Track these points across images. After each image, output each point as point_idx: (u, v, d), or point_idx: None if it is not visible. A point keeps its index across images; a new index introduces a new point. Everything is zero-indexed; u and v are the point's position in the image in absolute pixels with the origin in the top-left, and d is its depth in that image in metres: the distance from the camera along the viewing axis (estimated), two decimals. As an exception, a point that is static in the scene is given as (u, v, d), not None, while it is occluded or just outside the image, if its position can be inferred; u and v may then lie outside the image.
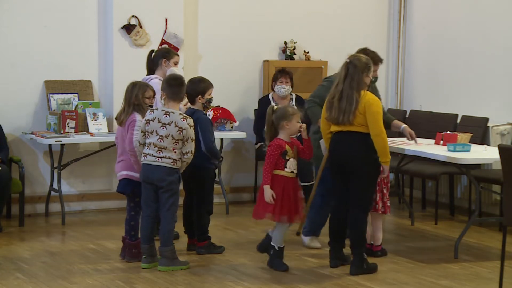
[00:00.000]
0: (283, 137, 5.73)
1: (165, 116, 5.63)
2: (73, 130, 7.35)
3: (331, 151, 5.76)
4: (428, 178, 7.84)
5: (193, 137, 5.71)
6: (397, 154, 6.89)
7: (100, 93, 7.85)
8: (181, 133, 5.62)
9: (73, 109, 7.51)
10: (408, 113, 8.62)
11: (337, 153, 5.70)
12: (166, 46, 6.99)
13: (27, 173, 7.45)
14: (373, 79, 6.16)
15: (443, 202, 7.98)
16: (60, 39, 7.67)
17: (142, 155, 5.69)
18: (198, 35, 8.23)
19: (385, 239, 6.48)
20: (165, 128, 5.61)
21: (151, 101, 5.92)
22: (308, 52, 8.69)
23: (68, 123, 7.33)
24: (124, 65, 7.70)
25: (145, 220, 5.75)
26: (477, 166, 7.19)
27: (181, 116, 5.65)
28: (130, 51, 7.79)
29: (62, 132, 7.32)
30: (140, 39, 7.84)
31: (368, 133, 5.58)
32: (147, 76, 6.62)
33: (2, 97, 7.49)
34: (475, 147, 6.47)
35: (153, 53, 6.75)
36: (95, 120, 7.50)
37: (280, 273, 5.73)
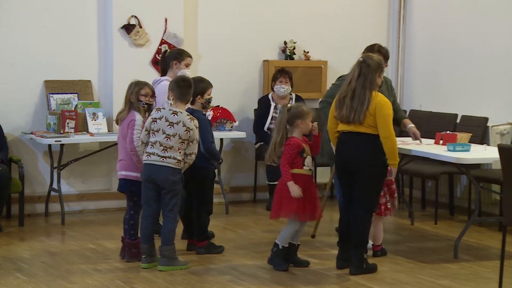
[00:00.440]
0: (297, 136, 5.73)
1: (173, 115, 5.64)
2: (72, 130, 7.35)
3: (338, 151, 5.74)
4: (428, 178, 7.84)
5: (198, 138, 5.71)
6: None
7: (99, 93, 7.85)
8: (188, 133, 5.63)
9: (73, 109, 7.51)
10: (408, 113, 8.61)
11: (344, 153, 5.69)
12: (180, 48, 6.92)
13: (26, 173, 7.44)
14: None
15: (442, 202, 7.98)
16: (60, 39, 7.67)
17: (144, 154, 5.69)
18: (197, 35, 8.23)
19: (385, 239, 6.48)
20: (172, 127, 5.61)
21: (148, 100, 5.91)
22: (308, 52, 8.69)
23: (68, 123, 7.33)
24: (123, 65, 7.71)
25: (145, 219, 5.74)
26: (476, 166, 7.19)
27: (189, 117, 5.66)
28: (130, 51, 7.79)
29: (61, 132, 7.32)
30: (139, 39, 7.84)
31: (376, 134, 5.56)
32: (158, 78, 6.62)
33: (2, 97, 7.49)
34: (474, 147, 6.47)
35: (167, 53, 6.73)
36: (95, 120, 7.50)
37: (280, 273, 5.73)
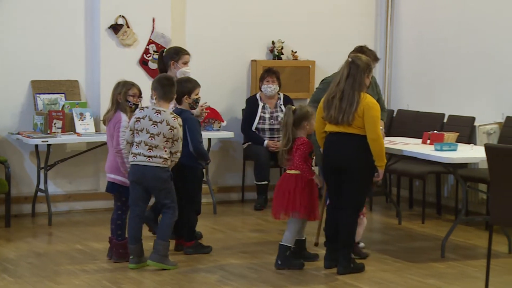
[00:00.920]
0: (303, 136, 5.79)
1: (156, 114, 5.63)
2: (59, 130, 7.32)
3: (326, 152, 5.74)
4: (415, 178, 7.87)
5: (182, 137, 5.72)
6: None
7: (87, 93, 7.82)
8: (172, 132, 5.62)
9: (60, 109, 7.48)
10: (395, 113, 8.65)
11: (332, 153, 5.68)
12: (176, 46, 6.83)
13: (13, 173, 7.41)
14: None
15: (430, 201, 8.00)
16: (47, 39, 7.64)
17: (130, 155, 5.68)
18: (185, 35, 8.22)
19: (372, 238, 6.51)
20: (156, 126, 5.61)
21: (135, 100, 5.90)
22: (296, 52, 8.70)
23: (55, 123, 7.30)
24: (111, 65, 7.69)
25: (133, 220, 5.73)
26: (463, 165, 7.21)
27: (172, 115, 5.66)
28: (117, 51, 7.77)
29: (48, 132, 7.29)
30: (127, 39, 7.82)
31: (364, 135, 5.56)
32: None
33: (-11, 97, 7.46)
34: (461, 147, 6.50)
35: (164, 53, 6.68)
36: (82, 120, 7.48)
37: (268, 272, 5.73)
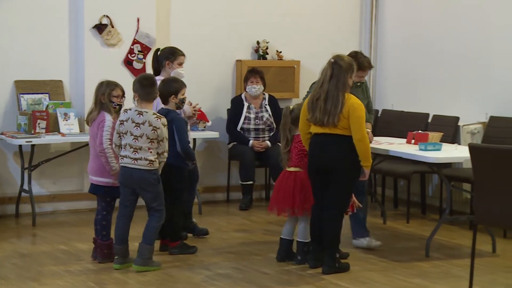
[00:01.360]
0: None
1: (138, 116, 5.61)
2: (44, 131, 7.29)
3: (311, 153, 5.74)
4: (400, 177, 7.89)
5: (167, 136, 5.69)
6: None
7: (71, 93, 7.79)
8: (155, 132, 5.60)
9: (44, 109, 7.44)
10: (380, 113, 8.67)
11: (318, 154, 5.68)
12: (171, 46, 6.79)
13: (-3, 174, 7.38)
14: (359, 83, 6.17)
15: (414, 201, 8.03)
16: (31, 39, 7.60)
17: (120, 157, 5.66)
18: (170, 34, 8.20)
19: (357, 238, 6.51)
20: (139, 128, 5.58)
21: (119, 100, 5.87)
22: (281, 52, 8.70)
23: (39, 123, 7.27)
24: (95, 65, 7.66)
25: (120, 220, 5.71)
26: (448, 165, 7.25)
27: (155, 116, 5.63)
28: (102, 50, 7.74)
29: (32, 132, 7.26)
30: (111, 39, 7.79)
31: (350, 136, 5.57)
32: None
33: (-28, 97, 7.42)
34: (446, 146, 6.53)
35: (159, 52, 6.66)
36: (66, 121, 7.45)
37: (253, 272, 5.73)
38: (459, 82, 8.12)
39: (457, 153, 6.38)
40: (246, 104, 8.17)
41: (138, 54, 7.91)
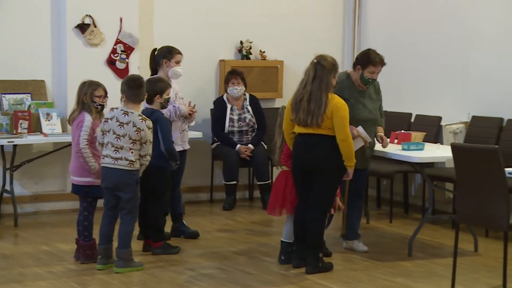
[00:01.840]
0: None
1: (123, 115, 5.58)
2: (26, 131, 7.24)
3: (295, 153, 5.75)
4: (383, 177, 7.92)
5: (151, 139, 5.65)
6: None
7: (53, 93, 7.75)
8: (138, 134, 5.57)
9: (26, 109, 7.40)
10: (363, 113, 8.69)
11: (302, 155, 5.68)
12: (168, 45, 6.71)
13: (-22, 174, 7.33)
14: (370, 79, 6.12)
15: (397, 200, 8.06)
16: (13, 38, 7.56)
17: (102, 156, 5.63)
18: (153, 34, 8.19)
19: (341, 237, 6.52)
20: (122, 128, 5.56)
21: (101, 100, 5.85)
22: (264, 52, 8.71)
23: (21, 123, 7.23)
24: (78, 64, 7.62)
25: (105, 220, 5.68)
26: (430, 165, 7.28)
27: (140, 117, 5.61)
28: (84, 50, 7.71)
29: (14, 132, 7.21)
30: (94, 39, 7.76)
31: (334, 136, 5.58)
32: (148, 78, 6.49)
33: (-47, 97, 7.36)
34: (428, 146, 6.56)
35: (156, 52, 6.63)
36: (49, 121, 7.41)
37: (237, 272, 5.73)
38: (441, 82, 8.16)
39: (439, 152, 6.41)
40: (229, 106, 8.16)
41: (121, 54, 7.88)
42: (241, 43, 8.59)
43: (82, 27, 7.70)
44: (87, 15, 7.72)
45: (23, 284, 5.37)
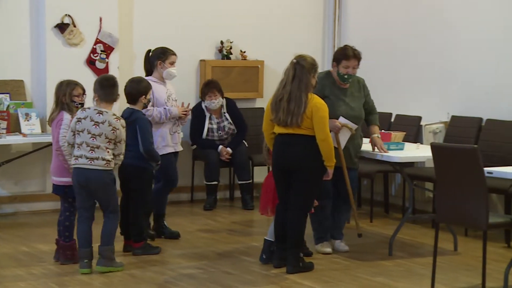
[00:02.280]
0: None
1: (98, 114, 5.56)
2: (4, 131, 7.19)
3: (276, 153, 5.75)
4: (363, 177, 7.94)
5: (125, 138, 5.64)
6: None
7: (32, 93, 7.70)
8: (114, 133, 5.55)
9: (5, 110, 7.35)
10: (343, 113, 8.71)
11: (282, 155, 5.69)
12: (163, 47, 6.67)
13: (-43, 175, 7.27)
14: (346, 75, 6.08)
15: (378, 200, 8.09)
16: (-9, 38, 7.51)
17: (73, 158, 5.59)
18: (133, 34, 8.16)
19: (321, 237, 6.53)
20: (98, 127, 5.53)
21: (80, 99, 5.82)
22: (245, 52, 8.70)
23: (0, 123, 7.17)
24: (57, 64, 7.58)
25: (82, 223, 5.64)
26: (410, 164, 7.32)
27: (114, 116, 5.59)
28: (64, 50, 7.67)
29: (-7, 132, 7.17)
30: (74, 38, 7.72)
31: (313, 136, 5.59)
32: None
33: None
34: (408, 146, 6.58)
35: (150, 53, 6.61)
36: (28, 121, 7.36)
37: (218, 273, 5.72)
38: (421, 82, 8.21)
39: (419, 152, 6.44)
40: (207, 115, 8.11)
41: (101, 53, 7.85)
42: (221, 43, 8.59)
43: (62, 27, 7.66)
44: (66, 14, 7.67)
45: (2, 285, 5.33)
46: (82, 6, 7.73)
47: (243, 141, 8.27)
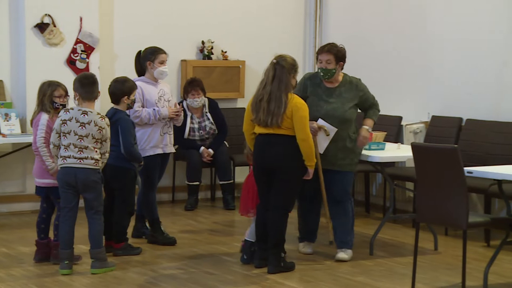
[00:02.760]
0: None
1: (83, 115, 5.53)
2: (-16, 131, 7.16)
3: (256, 153, 5.74)
4: (345, 176, 7.95)
5: (110, 137, 5.63)
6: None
7: (12, 93, 7.65)
8: (100, 132, 5.54)
9: (-16, 110, 7.31)
10: (324, 113, 8.73)
11: (263, 155, 5.68)
12: (152, 46, 6.59)
13: None
14: (320, 69, 5.98)
15: (359, 199, 8.12)
16: (-30, 38, 7.46)
17: (60, 158, 5.56)
18: (113, 34, 8.13)
19: (302, 237, 6.54)
20: (84, 128, 5.51)
21: (62, 100, 5.79)
22: (226, 52, 8.70)
23: (-21, 124, 7.13)
24: (37, 64, 7.54)
25: (65, 224, 5.60)
26: (391, 164, 7.34)
27: (99, 116, 5.57)
28: (44, 50, 7.63)
29: (-28, 133, 7.12)
30: (54, 38, 7.68)
31: (293, 136, 5.58)
32: (133, 79, 6.40)
33: None
34: (389, 145, 6.61)
35: (141, 54, 6.57)
36: (7, 121, 7.31)
37: (199, 273, 5.71)
38: (401, 82, 8.24)
39: (400, 152, 6.47)
40: (189, 114, 8.09)
41: (81, 53, 7.81)
42: (202, 43, 8.57)
43: (41, 27, 7.61)
44: (46, 14, 7.63)
45: (-19, 287, 5.30)
46: (62, 6, 7.69)
47: (225, 142, 8.27)
